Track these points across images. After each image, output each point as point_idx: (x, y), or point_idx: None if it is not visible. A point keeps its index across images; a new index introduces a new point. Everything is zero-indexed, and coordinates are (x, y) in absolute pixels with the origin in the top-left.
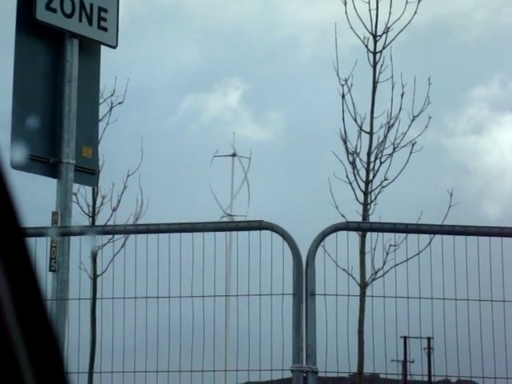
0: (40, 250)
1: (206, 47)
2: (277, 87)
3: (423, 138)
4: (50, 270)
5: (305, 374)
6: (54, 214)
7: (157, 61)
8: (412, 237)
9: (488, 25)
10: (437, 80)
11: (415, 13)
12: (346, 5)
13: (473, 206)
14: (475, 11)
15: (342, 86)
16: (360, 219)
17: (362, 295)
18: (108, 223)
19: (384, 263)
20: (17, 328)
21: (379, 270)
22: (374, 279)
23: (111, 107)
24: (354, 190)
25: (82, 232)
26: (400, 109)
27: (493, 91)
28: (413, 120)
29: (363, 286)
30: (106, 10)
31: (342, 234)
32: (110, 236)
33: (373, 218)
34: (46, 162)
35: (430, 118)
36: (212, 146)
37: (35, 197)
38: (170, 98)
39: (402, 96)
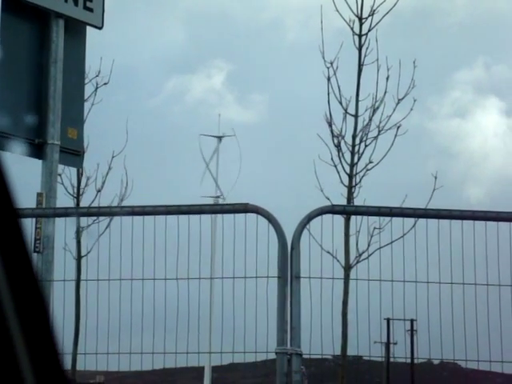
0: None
1: (190, 29)
2: (261, 69)
3: (407, 121)
4: (35, 251)
5: (289, 356)
6: (39, 195)
7: (141, 42)
8: (397, 219)
9: (470, 9)
10: (421, 63)
11: None
12: None
13: (456, 190)
14: None
15: (328, 68)
16: (345, 202)
17: (347, 278)
18: (93, 204)
19: (368, 246)
20: (11, 306)
21: (363, 252)
22: (358, 262)
23: (96, 88)
24: (338, 172)
25: (68, 214)
26: (385, 92)
27: (476, 75)
28: (398, 103)
29: (347, 268)
30: None
31: (327, 216)
32: (95, 217)
33: (357, 201)
34: (31, 143)
35: (414, 100)
36: (196, 128)
37: (20, 178)
38: (155, 79)
39: (387, 79)
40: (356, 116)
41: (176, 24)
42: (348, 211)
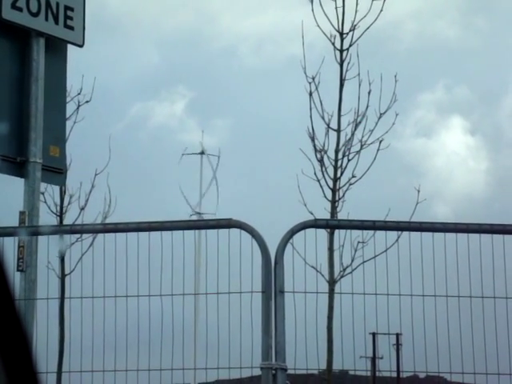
0: (7, 249)
1: (163, 53)
2: (223, 95)
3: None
4: (18, 270)
5: (274, 372)
6: (22, 213)
7: (103, 69)
8: (380, 233)
9: (418, 36)
10: (382, 85)
11: (381, 10)
12: (312, 3)
13: (423, 208)
14: (407, 23)
15: (310, 83)
16: (328, 216)
17: (331, 292)
18: (76, 222)
19: (352, 260)
20: None
21: (347, 266)
22: (342, 276)
23: (78, 106)
24: (322, 187)
25: (51, 232)
26: (367, 106)
27: (438, 96)
28: (380, 117)
29: (332, 282)
30: (72, 9)
31: (311, 231)
32: (79, 235)
33: (341, 215)
34: (13, 161)
35: (396, 115)
36: (177, 149)
37: (2, 196)
38: (123, 102)
39: (368, 93)
40: (338, 131)
41: (151, 47)
42: (331, 225)
